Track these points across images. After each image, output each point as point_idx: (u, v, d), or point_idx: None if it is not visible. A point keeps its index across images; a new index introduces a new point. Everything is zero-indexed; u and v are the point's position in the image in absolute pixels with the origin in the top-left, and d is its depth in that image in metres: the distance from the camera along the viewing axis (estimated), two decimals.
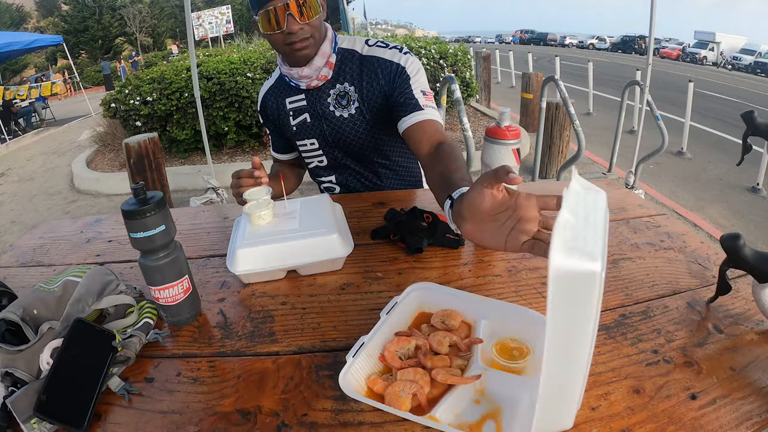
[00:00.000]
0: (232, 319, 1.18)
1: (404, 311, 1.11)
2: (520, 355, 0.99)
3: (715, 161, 7.83)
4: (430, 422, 0.85)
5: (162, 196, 1.05)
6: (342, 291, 1.27)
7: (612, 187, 1.81)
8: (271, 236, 1.32)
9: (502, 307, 1.08)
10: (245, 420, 0.89)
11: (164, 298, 1.10)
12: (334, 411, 0.91)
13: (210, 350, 1.07)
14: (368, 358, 0.99)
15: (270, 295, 1.27)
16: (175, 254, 1.10)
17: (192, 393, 0.95)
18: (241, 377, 0.99)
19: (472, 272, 1.33)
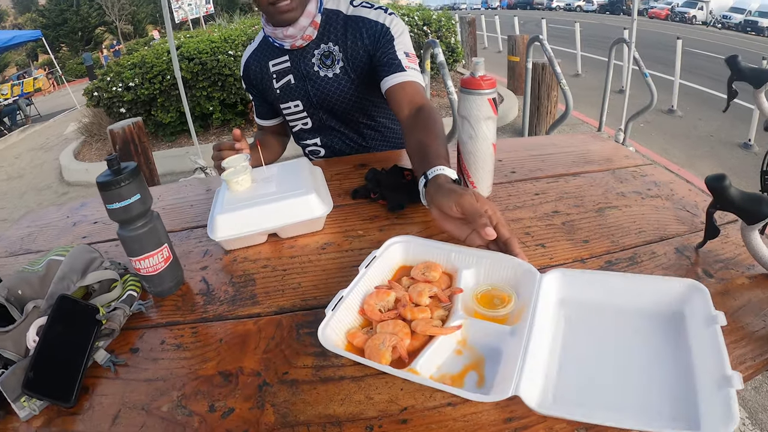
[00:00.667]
0: (214, 285, 1.17)
1: (384, 265, 1.09)
2: (502, 303, 0.97)
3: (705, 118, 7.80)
4: (410, 375, 0.83)
5: (136, 166, 1.04)
6: (323, 251, 1.26)
7: (599, 141, 1.79)
8: (249, 201, 1.30)
9: (483, 256, 1.04)
10: (227, 382, 0.89)
11: (145, 268, 1.09)
12: (315, 367, 0.90)
13: (193, 317, 1.07)
14: (347, 312, 0.97)
15: (251, 259, 1.26)
16: (152, 223, 1.09)
17: (175, 359, 0.95)
18: (222, 341, 0.99)
19: None
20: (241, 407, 0.84)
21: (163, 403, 0.86)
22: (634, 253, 1.11)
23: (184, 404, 0.85)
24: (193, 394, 0.87)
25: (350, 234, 1.32)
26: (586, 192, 1.40)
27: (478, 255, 1.05)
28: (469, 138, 1.32)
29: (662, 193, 1.36)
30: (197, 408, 0.84)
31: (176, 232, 1.44)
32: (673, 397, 0.76)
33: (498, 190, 1.46)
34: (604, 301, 0.96)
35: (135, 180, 1.02)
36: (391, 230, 1.31)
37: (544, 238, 1.21)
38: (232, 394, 0.86)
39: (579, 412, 0.75)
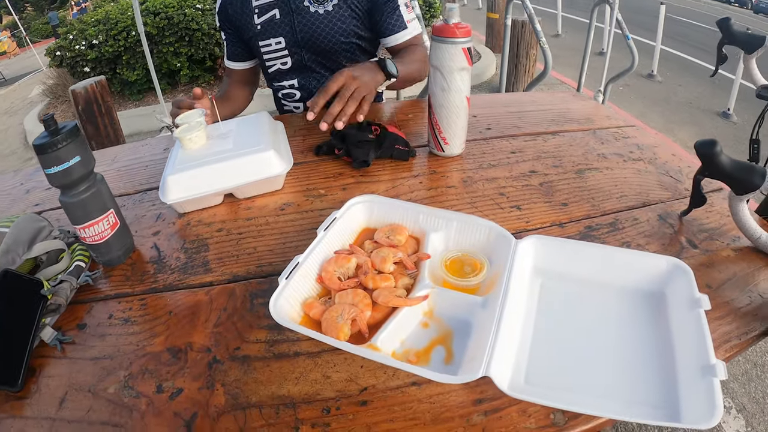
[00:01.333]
0: (165, 252, 1.11)
1: (345, 227, 1.01)
2: (473, 271, 0.89)
3: (685, 84, 7.76)
4: (370, 352, 0.75)
5: (75, 125, 0.96)
6: (281, 212, 1.19)
7: (579, 99, 1.73)
8: (202, 159, 1.22)
9: (453, 218, 0.97)
10: (176, 359, 0.84)
11: (90, 236, 1.03)
12: (269, 342, 0.85)
13: (142, 287, 1.01)
14: (304, 280, 0.89)
15: (206, 222, 1.19)
16: (96, 187, 1.01)
17: (123, 335, 0.90)
18: (172, 313, 0.93)
19: (424, 184, 1.25)
20: (189, 387, 0.79)
21: (109, 384, 0.81)
22: (615, 219, 1.07)
23: (131, 384, 0.80)
24: (141, 374, 0.82)
25: (311, 193, 1.26)
26: (565, 152, 1.35)
27: (448, 217, 0.97)
28: (441, 90, 1.25)
29: (645, 157, 1.32)
30: (144, 389, 0.79)
31: (130, 195, 1.36)
32: (653, 384, 0.73)
33: (471, 148, 1.41)
34: (581, 274, 0.90)
35: (74, 141, 0.94)
36: (356, 189, 1.25)
37: (520, 200, 1.16)
38: (180, 373, 0.81)
39: (554, 395, 0.70)
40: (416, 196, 1.20)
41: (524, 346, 0.79)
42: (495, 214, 1.11)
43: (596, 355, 0.78)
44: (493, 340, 0.73)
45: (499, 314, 0.77)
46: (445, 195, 1.20)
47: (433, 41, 1.21)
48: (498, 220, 0.96)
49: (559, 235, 1.03)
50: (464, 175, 1.28)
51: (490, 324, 0.76)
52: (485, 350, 0.72)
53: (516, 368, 0.75)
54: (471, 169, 1.30)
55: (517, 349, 0.78)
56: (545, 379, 0.75)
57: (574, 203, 1.13)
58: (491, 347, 0.72)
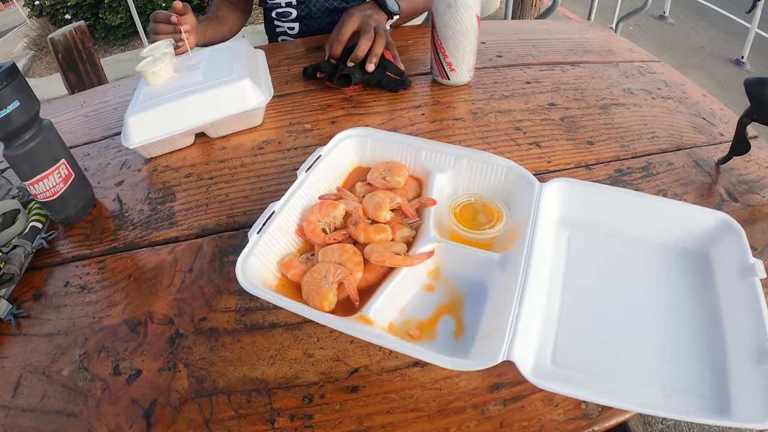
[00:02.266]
0: (128, 204, 1.00)
1: (332, 167, 0.84)
2: (489, 222, 0.74)
3: (697, 29, 7.49)
4: (360, 328, 0.60)
5: (12, 65, 0.84)
6: (260, 151, 1.07)
7: (597, 29, 1.56)
8: (167, 95, 1.07)
9: (463, 155, 0.81)
10: (134, 333, 0.75)
11: (41, 192, 0.92)
12: (239, 311, 0.74)
13: (101, 247, 0.91)
14: (281, 232, 0.73)
15: (174, 167, 1.07)
16: (41, 136, 0.90)
17: (79, 305, 0.81)
18: (132, 277, 0.84)
19: (426, 116, 1.12)
20: (149, 368, 0.70)
21: (64, 365, 0.73)
22: (648, 162, 0.96)
23: (86, 365, 0.72)
24: (96, 352, 0.73)
25: (295, 128, 1.13)
26: (587, 84, 1.21)
27: (457, 154, 0.81)
28: (446, 7, 1.08)
29: (674, 95, 1.18)
30: (100, 370, 0.71)
31: (96, 142, 1.23)
32: (698, 369, 0.60)
33: (481, 76, 1.26)
34: (615, 227, 0.75)
35: (11, 83, 0.83)
36: (347, 122, 1.12)
37: (540, 136, 1.03)
38: (139, 350, 0.72)
39: (587, 382, 0.59)
40: (417, 129, 1.07)
41: (550, 318, 0.65)
42: (511, 151, 0.98)
43: (632, 329, 0.64)
44: (516, 312, 0.58)
45: (523, 277, 0.62)
46: (452, 129, 1.07)
47: None
48: (515, 159, 0.82)
49: (585, 178, 0.91)
50: (473, 106, 1.14)
51: (512, 290, 0.61)
52: (506, 325, 0.57)
53: (541, 346, 0.61)
54: (481, 100, 1.16)
55: (542, 322, 0.64)
56: (575, 360, 0.61)
57: (601, 142, 1.01)
58: (514, 321, 0.58)
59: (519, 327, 0.57)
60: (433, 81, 1.25)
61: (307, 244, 0.76)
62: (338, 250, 0.69)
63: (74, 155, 0.97)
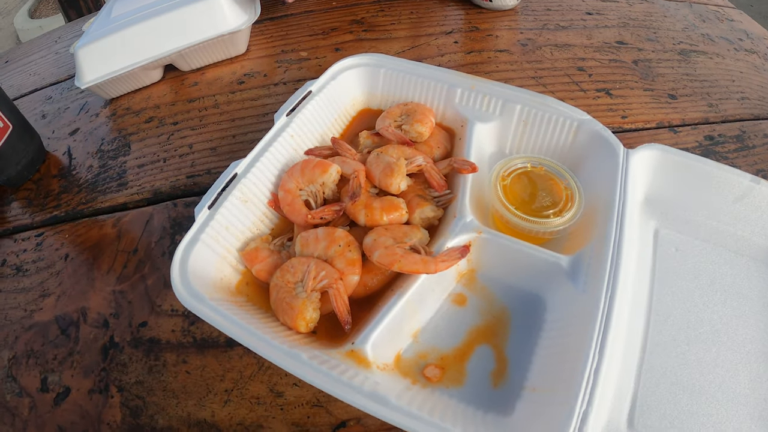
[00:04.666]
0: (78, 159, 0.86)
1: (327, 109, 0.64)
2: (553, 204, 0.51)
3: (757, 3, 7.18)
4: (345, 372, 0.40)
5: None
6: (239, 86, 0.90)
7: None
8: (126, 19, 0.90)
9: (515, 98, 0.59)
10: (65, 336, 0.64)
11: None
12: (189, 316, 0.59)
13: (42, 216, 0.80)
14: (245, 205, 0.53)
15: (135, 110, 0.90)
16: None
17: (12, 292, 0.71)
18: (69, 258, 0.71)
19: (461, 45, 0.93)
20: (79, 387, 0.58)
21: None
22: (742, 131, 0.79)
23: (14, 374, 0.63)
24: (25, 357, 0.64)
25: (288, 57, 0.95)
26: (659, 24, 1.02)
27: (506, 97, 0.59)
28: None
29: (758, 49, 0.99)
30: (28, 382, 0.61)
31: (61, 82, 1.08)
32: None
33: (530, 0, 1.06)
34: (717, 222, 0.56)
35: None
36: (355, 50, 0.94)
37: (609, 82, 0.83)
38: (68, 360, 0.61)
39: None
40: (449, 61, 0.88)
41: (630, 359, 0.45)
42: (575, 99, 0.78)
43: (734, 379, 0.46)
44: (597, 359, 0.39)
45: (608, 300, 0.41)
46: (494, 62, 0.88)
47: None
48: (580, 105, 0.66)
49: (670, 144, 0.71)
50: (521, 36, 0.95)
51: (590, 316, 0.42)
52: (581, 380, 0.38)
53: (616, 401, 0.43)
54: (532, 29, 0.97)
55: (621, 366, 0.44)
56: (657, 421, 0.43)
57: (685, 97, 0.82)
58: (592, 374, 0.38)
59: (599, 384, 0.37)
60: (469, 2, 1.05)
61: (283, 223, 0.55)
62: (324, 239, 0.48)
63: (35, 100, 0.89)
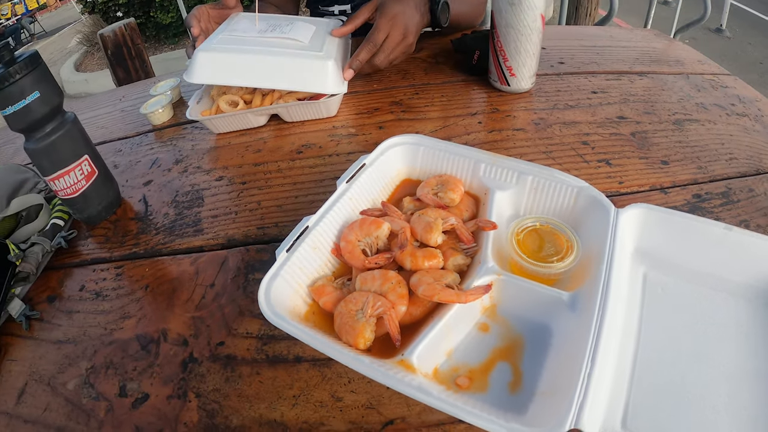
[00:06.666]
0: (154, 206, 0.95)
1: (377, 179, 0.75)
2: (557, 253, 0.63)
3: (755, 44, 7.27)
4: (399, 375, 0.50)
5: (33, 54, 0.80)
6: (298, 155, 1.01)
7: (663, 39, 1.48)
8: (246, 45, 1.05)
9: (528, 171, 0.70)
10: (145, 352, 0.69)
11: (62, 189, 0.88)
12: (262, 338, 0.67)
13: (121, 251, 0.87)
14: (314, 251, 0.64)
15: (205, 169, 1.02)
16: (64, 129, 0.86)
17: (92, 313, 0.77)
18: (149, 288, 0.79)
19: (484, 125, 1.03)
20: (158, 394, 0.64)
21: (69, 378, 0.69)
22: (728, 188, 0.86)
23: (91, 381, 0.68)
24: (104, 367, 0.69)
25: (338, 132, 1.06)
26: (657, 97, 1.11)
27: (521, 170, 0.71)
28: (509, 5, 0.99)
29: (749, 112, 1.08)
30: (105, 388, 0.66)
31: (129, 138, 1.20)
32: None
33: (543, 83, 1.17)
34: (698, 264, 0.64)
35: (32, 73, 0.79)
36: (396, 128, 1.05)
37: (609, 153, 0.93)
38: (148, 372, 0.67)
39: None
40: (474, 139, 0.99)
41: (622, 373, 0.54)
42: (578, 169, 0.89)
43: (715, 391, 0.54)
44: (589, 368, 0.48)
45: (598, 324, 0.52)
46: (512, 140, 0.98)
47: None
48: (583, 178, 0.71)
49: (661, 203, 0.80)
50: (535, 116, 1.05)
51: (585, 338, 0.51)
52: (577, 384, 0.47)
53: (610, 408, 0.51)
54: (544, 110, 1.07)
55: (614, 379, 0.54)
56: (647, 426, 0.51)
57: (676, 162, 0.91)
58: (585, 380, 0.48)
59: (591, 386, 0.47)
60: (491, 87, 1.16)
61: (344, 267, 0.67)
62: (380, 278, 0.60)
63: (106, 151, 0.95)
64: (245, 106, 1.07)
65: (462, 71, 1.22)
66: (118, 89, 1.51)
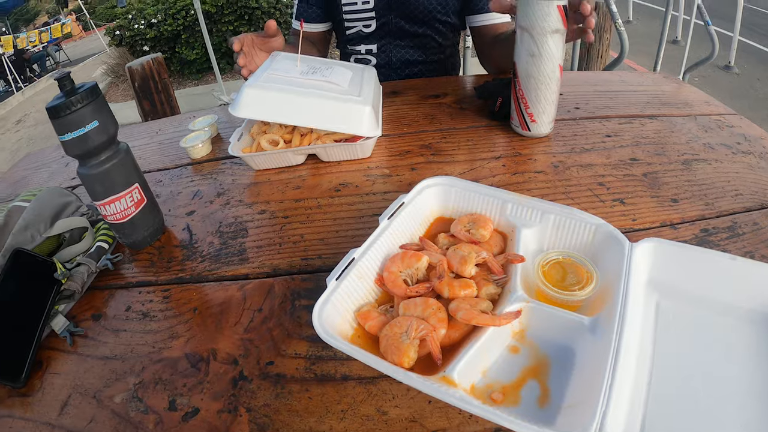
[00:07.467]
0: (198, 235, 0.99)
1: (415, 215, 0.82)
2: (578, 283, 0.70)
3: (764, 79, 7.27)
4: (444, 389, 0.56)
5: (94, 85, 0.85)
6: (336, 193, 1.06)
7: (671, 81, 1.52)
8: (291, 86, 1.12)
9: (550, 210, 0.77)
10: (195, 369, 0.72)
11: (112, 214, 0.92)
12: (310, 358, 0.71)
13: (167, 276, 0.90)
14: (360, 281, 0.71)
15: (247, 203, 1.07)
16: (118, 158, 0.90)
17: (139, 332, 0.80)
18: (197, 311, 0.81)
19: (507, 167, 1.09)
20: (208, 408, 0.66)
21: (116, 392, 0.70)
22: (733, 222, 0.91)
23: (140, 395, 0.69)
24: (153, 383, 0.71)
25: (373, 173, 1.12)
26: (667, 139, 1.17)
27: (544, 209, 0.78)
28: (530, 56, 1.06)
29: (754, 150, 1.13)
30: (155, 402, 0.68)
31: (168, 169, 1.25)
32: None
33: (560, 128, 1.23)
34: (706, 291, 0.70)
35: (92, 103, 0.84)
36: (426, 169, 1.11)
37: (623, 193, 0.99)
38: (198, 388, 0.69)
39: None
40: (499, 181, 1.04)
41: (639, 389, 0.60)
42: (595, 207, 0.94)
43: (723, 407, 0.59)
44: (610, 382, 0.54)
45: (616, 344, 0.58)
46: (534, 182, 1.04)
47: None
48: (599, 216, 0.78)
49: (671, 238, 0.85)
50: (554, 159, 1.11)
51: (604, 357, 0.57)
52: (599, 396, 0.53)
53: (629, 420, 0.57)
54: (562, 153, 1.13)
55: (631, 394, 0.59)
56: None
57: (685, 200, 0.96)
58: (607, 392, 0.53)
59: (612, 399, 0.53)
60: (512, 131, 1.23)
61: (385, 295, 0.73)
62: (421, 305, 0.66)
63: (147, 180, 0.98)
64: (285, 145, 1.13)
65: (485, 116, 1.29)
66: (153, 122, 1.57)
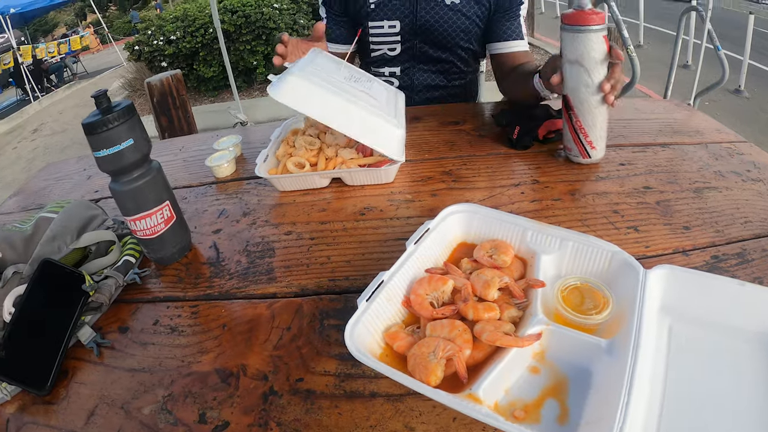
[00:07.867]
0: (225, 253, 1.01)
1: (439, 241, 0.85)
2: (595, 307, 0.73)
3: None
4: (470, 406, 0.60)
5: (130, 104, 0.88)
6: (361, 217, 1.09)
7: (683, 109, 1.56)
8: (335, 88, 1.11)
9: (568, 238, 0.81)
10: (225, 384, 0.73)
11: (142, 230, 0.94)
12: (339, 376, 0.73)
13: (195, 292, 0.92)
14: (388, 303, 0.74)
15: (273, 223, 1.10)
16: (150, 175, 0.93)
17: (167, 346, 0.81)
18: (226, 327, 0.83)
19: (526, 195, 1.12)
20: (238, 422, 0.67)
21: (145, 404, 0.71)
22: (743, 249, 0.92)
23: (169, 408, 0.71)
24: (182, 396, 0.72)
25: (396, 198, 1.14)
26: (679, 167, 1.20)
27: (562, 237, 0.81)
28: (584, 86, 1.11)
29: (764, 177, 1.15)
30: (184, 415, 0.69)
31: (193, 187, 1.28)
32: None
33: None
34: (717, 316, 0.73)
35: (128, 121, 0.87)
36: (447, 196, 1.13)
37: (637, 220, 1.01)
38: (228, 402, 0.71)
39: None
40: (518, 208, 1.07)
41: (653, 409, 0.63)
42: (610, 235, 0.97)
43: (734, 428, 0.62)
44: (626, 402, 0.57)
45: (632, 366, 0.61)
46: (551, 209, 1.07)
47: (567, 32, 1.08)
48: (614, 243, 0.81)
49: (683, 264, 0.87)
50: (571, 186, 1.14)
51: (621, 378, 0.60)
52: (616, 414, 0.56)
53: None
54: (578, 181, 1.16)
55: (646, 414, 0.62)
56: None
57: (696, 227, 0.98)
58: (623, 411, 0.56)
59: (628, 417, 0.56)
60: (528, 158, 1.27)
61: (412, 316, 0.76)
62: (448, 326, 0.70)
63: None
64: (311, 168, 1.16)
65: (503, 143, 1.32)
66: (176, 140, 1.60)
